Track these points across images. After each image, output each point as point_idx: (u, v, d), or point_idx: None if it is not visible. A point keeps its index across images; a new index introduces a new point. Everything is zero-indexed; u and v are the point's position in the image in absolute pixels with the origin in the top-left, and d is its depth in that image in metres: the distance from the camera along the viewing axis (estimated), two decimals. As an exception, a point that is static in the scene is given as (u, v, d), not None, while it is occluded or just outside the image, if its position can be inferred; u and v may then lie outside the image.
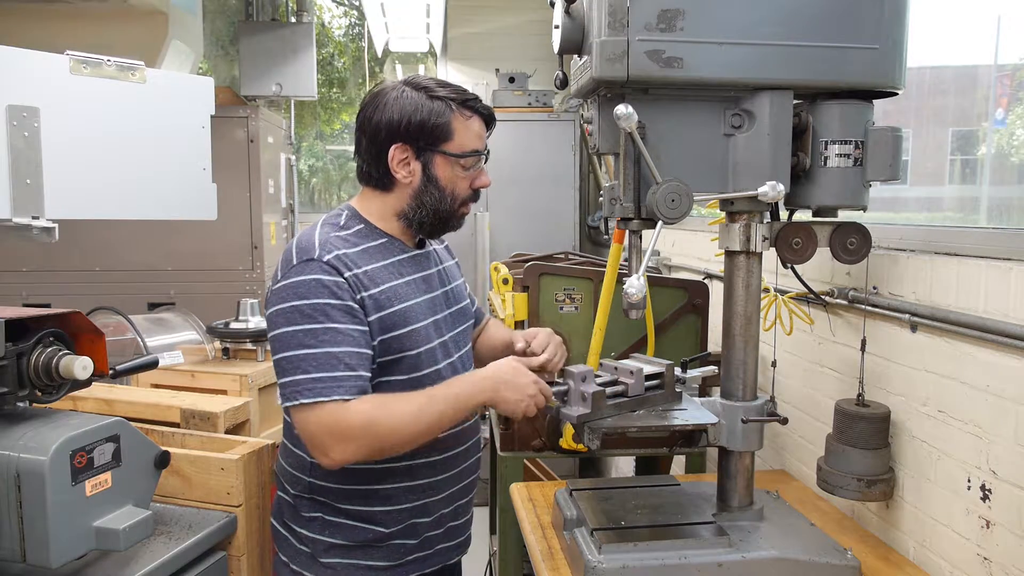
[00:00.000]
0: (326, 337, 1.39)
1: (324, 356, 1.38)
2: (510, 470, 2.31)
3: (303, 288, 1.41)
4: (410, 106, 1.47)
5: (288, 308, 1.41)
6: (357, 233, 1.53)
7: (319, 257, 1.43)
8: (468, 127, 1.51)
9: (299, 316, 1.39)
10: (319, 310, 1.39)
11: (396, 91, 1.49)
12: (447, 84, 1.52)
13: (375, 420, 1.38)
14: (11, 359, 1.38)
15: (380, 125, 1.49)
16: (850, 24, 1.49)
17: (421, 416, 1.41)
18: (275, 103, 5.39)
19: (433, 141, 1.48)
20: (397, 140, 1.48)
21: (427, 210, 1.53)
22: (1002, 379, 1.47)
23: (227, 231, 4.22)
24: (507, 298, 2.30)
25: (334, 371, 1.37)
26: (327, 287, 1.41)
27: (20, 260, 4.19)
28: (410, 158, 1.50)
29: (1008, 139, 2.01)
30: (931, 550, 1.67)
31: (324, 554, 1.54)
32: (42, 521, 1.32)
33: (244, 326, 2.67)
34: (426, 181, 1.51)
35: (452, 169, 1.51)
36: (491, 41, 5.52)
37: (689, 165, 1.53)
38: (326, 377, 1.37)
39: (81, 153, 1.74)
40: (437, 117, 1.47)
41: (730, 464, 1.69)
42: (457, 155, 1.50)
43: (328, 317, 1.39)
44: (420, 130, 1.47)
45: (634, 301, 1.46)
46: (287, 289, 1.42)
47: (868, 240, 1.65)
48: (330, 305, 1.40)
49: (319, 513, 1.55)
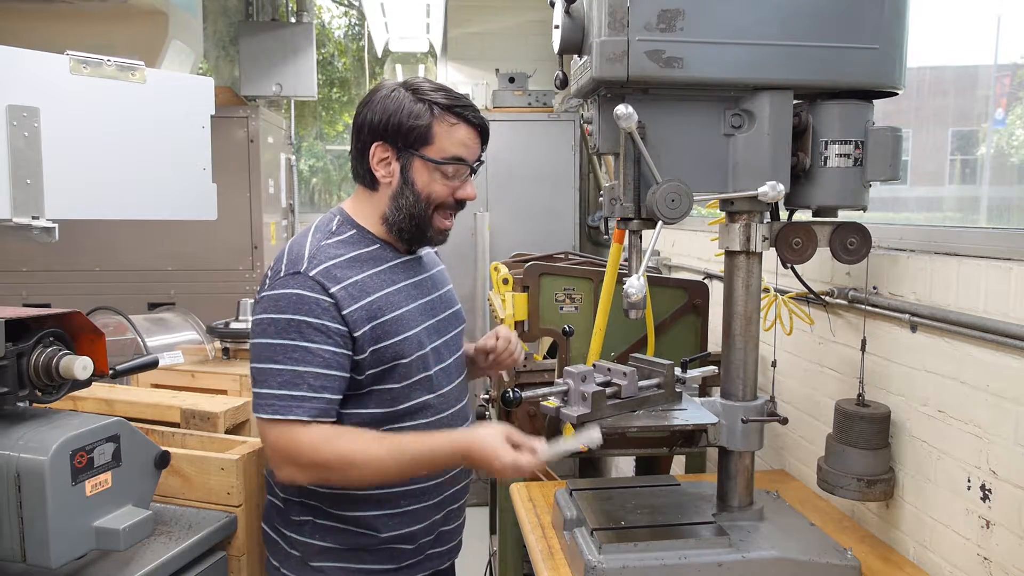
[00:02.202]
0: (295, 355, 1.38)
1: (289, 374, 1.38)
2: (510, 470, 2.31)
3: (283, 301, 1.40)
4: (393, 106, 1.46)
5: (266, 320, 1.41)
6: (348, 240, 1.51)
7: (306, 271, 1.42)
8: (451, 133, 1.47)
9: (274, 330, 1.39)
10: (293, 326, 1.39)
11: (387, 90, 1.48)
12: (443, 88, 1.49)
13: (320, 450, 1.38)
14: (11, 359, 1.38)
15: (365, 122, 1.49)
16: (850, 24, 1.49)
17: (380, 463, 1.40)
18: (275, 103, 5.39)
19: (411, 143, 1.46)
20: (378, 139, 1.47)
21: (403, 214, 1.50)
22: (1002, 379, 1.47)
23: (227, 231, 4.22)
24: (507, 298, 2.30)
25: (295, 390, 1.37)
26: (306, 303, 1.40)
27: (20, 260, 4.19)
28: (391, 158, 1.48)
29: (1008, 139, 2.01)
30: (931, 550, 1.67)
31: (315, 558, 1.53)
32: (42, 521, 1.31)
33: (244, 326, 2.67)
34: (403, 183, 1.49)
35: (430, 175, 1.48)
36: (491, 41, 5.52)
37: (689, 165, 1.53)
38: (285, 396, 1.37)
39: (81, 153, 1.74)
40: (415, 119, 1.45)
41: (730, 464, 1.69)
42: (435, 161, 1.47)
43: (301, 335, 1.39)
44: (398, 131, 1.46)
45: (634, 301, 1.46)
46: (268, 300, 1.42)
47: (868, 240, 1.65)
48: (305, 323, 1.39)
49: (309, 516, 1.53)
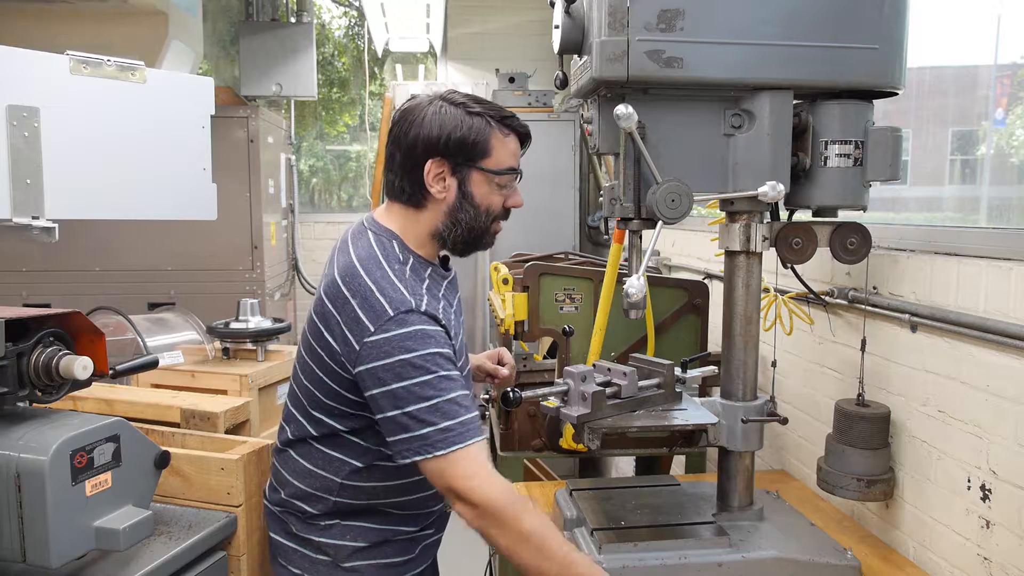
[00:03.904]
0: (443, 386, 1.36)
1: (447, 404, 1.36)
2: (510, 470, 2.31)
3: (410, 340, 1.36)
4: (450, 122, 1.45)
5: (397, 362, 1.36)
6: (414, 267, 1.49)
7: (417, 307, 1.39)
8: (505, 144, 1.49)
9: (412, 368, 1.36)
10: (430, 360, 1.36)
11: (434, 106, 1.47)
12: (483, 100, 1.50)
13: (526, 515, 1.34)
14: (11, 359, 1.38)
15: (417, 139, 1.45)
16: (850, 24, 1.49)
17: (552, 557, 1.33)
18: (275, 103, 5.40)
19: (472, 157, 1.46)
20: (435, 155, 1.45)
21: (462, 228, 1.50)
22: (1002, 379, 1.47)
23: (227, 231, 4.22)
24: (507, 298, 2.30)
25: (461, 416, 1.36)
26: (432, 336, 1.38)
27: (20, 260, 4.19)
28: (445, 173, 1.47)
29: (1008, 139, 2.01)
30: (931, 550, 1.67)
31: (348, 559, 1.54)
32: (42, 521, 1.31)
33: (244, 326, 2.67)
34: (461, 198, 1.48)
35: (488, 186, 1.49)
36: (491, 41, 5.52)
37: (689, 165, 1.53)
38: (457, 424, 1.35)
39: (81, 153, 1.74)
40: (477, 134, 1.45)
41: (730, 464, 1.69)
42: (494, 172, 1.48)
43: (439, 366, 1.37)
44: (460, 146, 1.45)
45: (634, 301, 1.46)
46: (391, 342, 1.36)
47: (868, 240, 1.65)
48: (439, 354, 1.38)
49: (336, 520, 1.55)
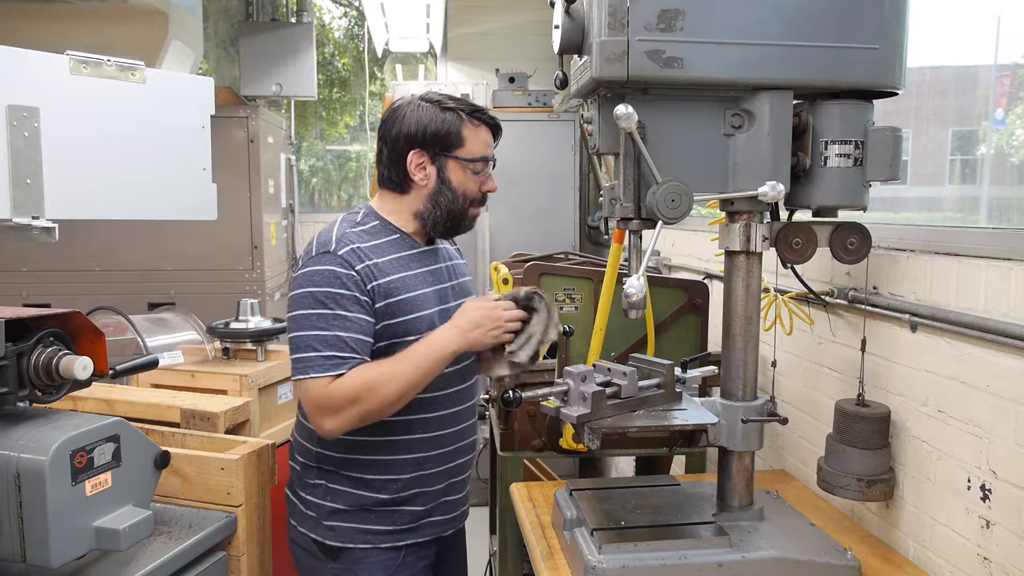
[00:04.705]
0: (335, 322, 1.56)
1: (332, 338, 1.55)
2: (510, 470, 2.31)
3: (318, 276, 1.59)
4: (426, 117, 1.66)
5: (304, 293, 1.59)
6: (372, 229, 1.69)
7: (335, 250, 1.60)
8: (477, 135, 1.69)
9: (312, 301, 1.57)
10: (330, 297, 1.57)
11: (412, 105, 1.68)
12: (455, 98, 1.71)
13: (346, 388, 1.54)
14: (11, 359, 1.38)
15: (400, 134, 1.67)
16: (850, 24, 1.49)
17: (396, 373, 1.55)
18: (275, 103, 5.39)
19: (447, 147, 1.66)
20: (415, 147, 1.66)
21: (441, 210, 1.69)
22: (1002, 379, 1.47)
23: (227, 231, 4.22)
24: (507, 298, 2.30)
25: (338, 351, 1.55)
26: (339, 277, 1.58)
27: (20, 260, 4.18)
28: (426, 163, 1.67)
29: (1008, 139, 2.01)
30: (931, 550, 1.67)
31: (328, 518, 1.70)
32: (42, 521, 1.31)
33: (244, 326, 2.66)
34: (440, 183, 1.68)
35: (464, 172, 1.69)
36: (491, 41, 5.52)
37: (689, 165, 1.53)
38: (332, 356, 1.55)
39: (81, 153, 1.74)
40: (450, 126, 1.66)
41: (730, 464, 1.69)
42: (467, 160, 1.68)
43: (338, 304, 1.57)
44: (436, 138, 1.65)
45: (634, 301, 1.46)
46: (304, 276, 1.61)
47: (868, 240, 1.65)
48: (340, 294, 1.57)
49: (322, 481, 1.71)
